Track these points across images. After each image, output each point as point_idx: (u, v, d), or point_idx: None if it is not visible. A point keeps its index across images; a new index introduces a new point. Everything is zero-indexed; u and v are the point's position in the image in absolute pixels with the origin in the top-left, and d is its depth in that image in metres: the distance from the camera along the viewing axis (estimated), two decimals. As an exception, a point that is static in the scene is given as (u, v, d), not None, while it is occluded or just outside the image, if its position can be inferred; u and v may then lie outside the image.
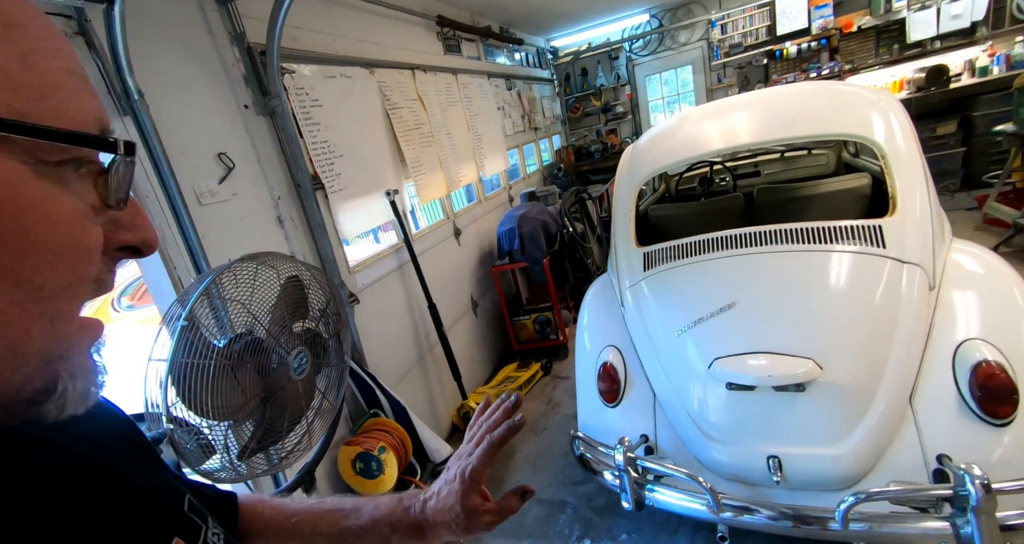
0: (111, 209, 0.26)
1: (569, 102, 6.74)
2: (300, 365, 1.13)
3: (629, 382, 1.70)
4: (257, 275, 1.10)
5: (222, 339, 1.03)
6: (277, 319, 1.10)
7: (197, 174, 1.53)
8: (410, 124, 2.82)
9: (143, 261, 1.39)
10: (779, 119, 1.93)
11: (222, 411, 0.93)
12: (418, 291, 2.61)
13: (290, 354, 1.11)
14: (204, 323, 0.99)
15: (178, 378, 0.87)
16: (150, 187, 1.36)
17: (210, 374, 0.89)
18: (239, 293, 1.06)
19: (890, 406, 1.26)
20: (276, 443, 1.12)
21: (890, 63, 5.11)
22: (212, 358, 0.90)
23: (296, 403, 1.13)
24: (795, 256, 1.52)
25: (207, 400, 0.88)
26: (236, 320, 1.09)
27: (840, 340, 1.34)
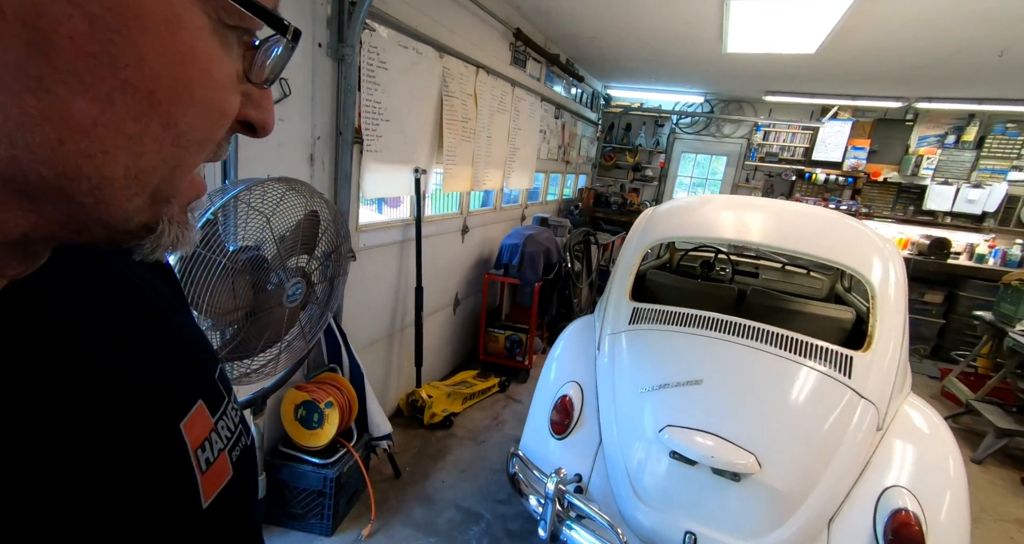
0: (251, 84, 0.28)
1: (605, 149, 6.95)
2: (295, 294, 1.15)
3: (581, 421, 1.73)
4: (283, 199, 1.12)
5: (232, 245, 1.04)
6: (288, 245, 1.12)
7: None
8: (458, 115, 2.89)
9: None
10: (793, 232, 2.04)
11: (213, 309, 0.94)
12: (411, 270, 2.62)
13: (289, 280, 1.12)
14: (226, 226, 1.00)
15: (187, 267, 0.88)
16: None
17: (217, 271, 0.90)
18: (265, 207, 1.08)
19: (810, 522, 1.33)
20: (245, 358, 1.12)
21: (902, 221, 5.44)
22: (223, 256, 0.91)
23: (277, 328, 1.13)
24: (771, 358, 1.60)
25: (205, 294, 0.89)
26: (251, 233, 1.10)
27: (786, 447, 1.41)
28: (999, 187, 5.03)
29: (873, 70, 3.94)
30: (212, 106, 0.25)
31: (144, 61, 0.21)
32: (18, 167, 0.20)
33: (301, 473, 1.75)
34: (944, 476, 1.43)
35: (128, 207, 0.24)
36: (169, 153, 0.24)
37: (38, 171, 0.20)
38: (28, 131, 0.19)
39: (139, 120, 0.22)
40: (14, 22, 0.18)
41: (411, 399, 2.65)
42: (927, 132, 5.36)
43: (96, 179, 0.22)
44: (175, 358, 0.34)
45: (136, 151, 0.22)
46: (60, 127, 0.20)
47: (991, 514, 2.52)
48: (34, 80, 0.19)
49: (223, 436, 0.35)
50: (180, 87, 0.23)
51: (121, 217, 0.24)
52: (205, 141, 0.26)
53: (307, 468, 1.75)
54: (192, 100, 0.23)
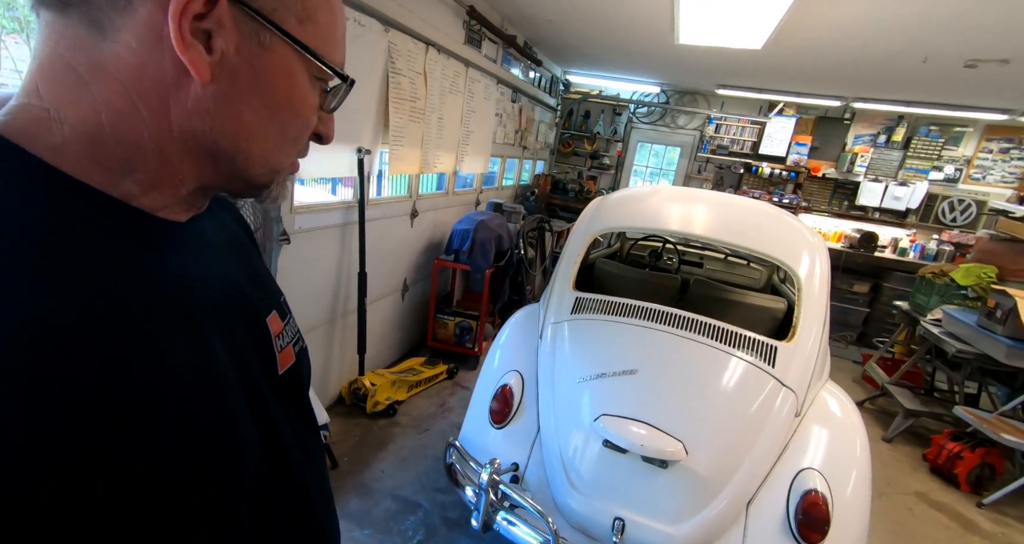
0: (322, 110, 0.45)
1: (564, 136, 6.94)
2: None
3: (520, 410, 1.74)
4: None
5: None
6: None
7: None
8: (406, 94, 2.77)
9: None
10: (732, 225, 2.12)
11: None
12: (354, 255, 2.53)
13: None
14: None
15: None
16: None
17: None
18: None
19: (730, 505, 1.39)
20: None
21: (837, 215, 5.77)
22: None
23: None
24: (703, 348, 1.65)
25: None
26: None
27: (710, 433, 1.47)
28: (921, 185, 5.42)
29: (815, 69, 4.10)
30: (304, 120, 0.42)
31: (275, 93, 0.39)
32: (214, 142, 0.37)
33: (227, 468, 1.66)
34: (851, 457, 1.54)
35: (258, 172, 0.41)
36: (281, 144, 0.41)
37: (223, 146, 0.38)
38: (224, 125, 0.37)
39: (268, 124, 0.39)
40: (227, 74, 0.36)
41: (353, 387, 2.59)
42: (862, 131, 5.68)
43: (246, 153, 0.39)
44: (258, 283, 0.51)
45: (265, 139, 0.40)
46: (236, 123, 0.37)
47: (895, 488, 2.77)
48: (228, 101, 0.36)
49: (289, 334, 0.52)
50: (290, 108, 0.41)
51: (254, 177, 0.41)
52: (298, 140, 0.43)
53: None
54: (296, 116, 0.41)
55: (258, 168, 0.40)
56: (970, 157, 5.35)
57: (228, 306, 0.42)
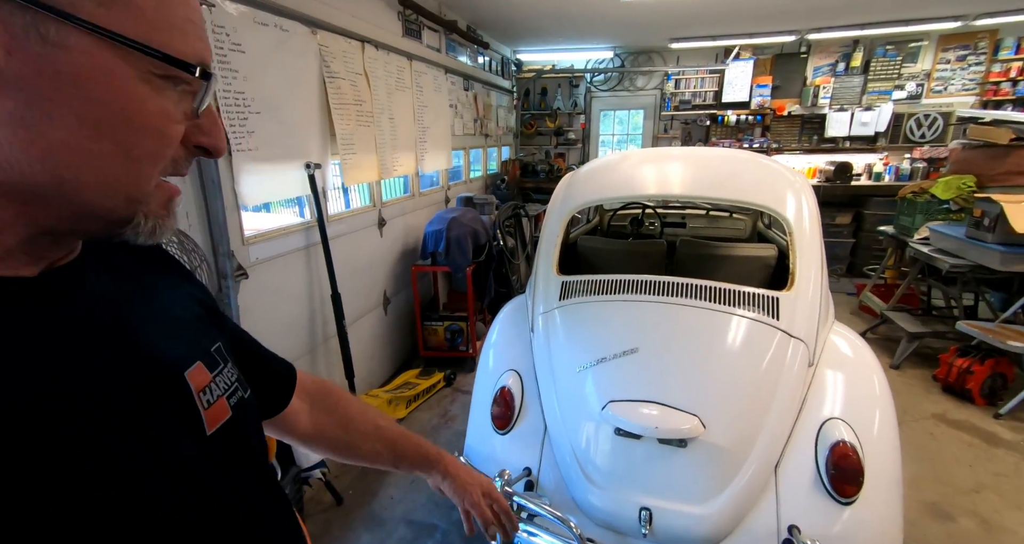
0: (197, 118, 0.38)
1: (524, 118, 6.78)
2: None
3: (523, 411, 1.64)
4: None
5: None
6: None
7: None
8: (349, 98, 2.62)
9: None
10: (709, 179, 2.02)
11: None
12: (324, 276, 2.39)
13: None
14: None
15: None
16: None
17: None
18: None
19: (758, 472, 1.32)
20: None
21: (809, 150, 5.72)
22: None
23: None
24: (700, 313, 1.56)
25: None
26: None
27: (725, 401, 1.38)
28: (886, 107, 5.38)
29: (764, 4, 3.99)
30: (153, 132, 0.35)
31: (91, 101, 0.32)
32: (27, 177, 0.32)
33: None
34: (871, 397, 1.47)
35: (108, 204, 0.35)
36: (125, 165, 0.35)
37: (38, 180, 0.32)
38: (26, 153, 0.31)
39: (95, 141, 0.33)
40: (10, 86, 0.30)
41: (349, 414, 2.47)
42: (820, 62, 5.59)
43: (75, 183, 0.33)
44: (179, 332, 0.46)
45: (98, 163, 0.33)
46: (45, 148, 0.31)
47: (912, 414, 2.75)
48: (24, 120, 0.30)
49: (220, 386, 0.47)
50: (123, 119, 0.34)
51: (104, 211, 0.35)
52: (156, 156, 0.36)
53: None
54: (133, 127, 0.34)
55: (105, 200, 0.34)
56: (929, 70, 5.31)
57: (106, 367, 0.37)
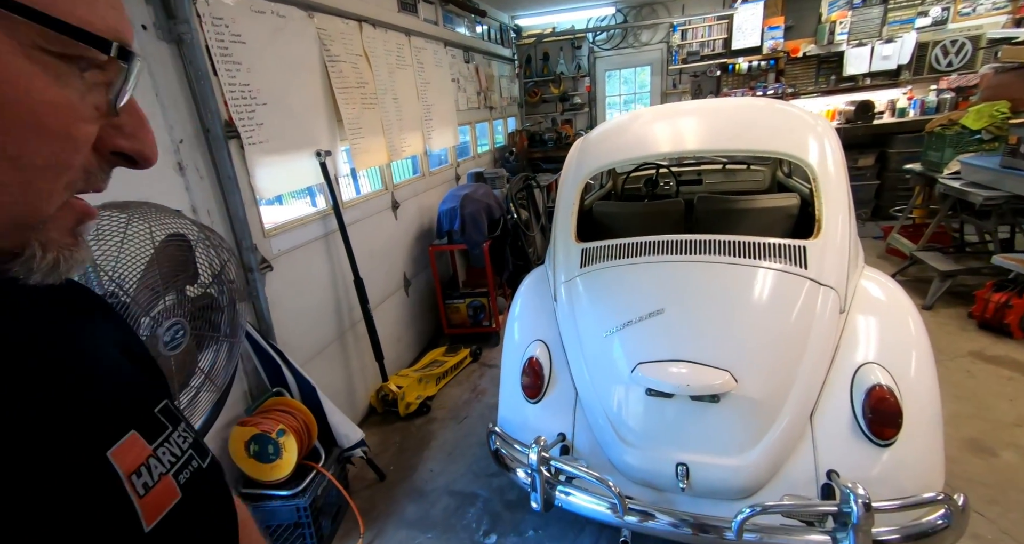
0: (115, 116, 0.29)
1: (528, 85, 6.60)
2: (175, 339, 0.97)
3: (553, 379, 1.67)
4: (128, 229, 0.92)
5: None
6: (149, 283, 0.93)
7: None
8: (351, 81, 2.58)
9: None
10: (725, 131, 1.96)
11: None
12: (345, 263, 2.42)
13: (161, 326, 0.95)
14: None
15: None
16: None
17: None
18: (101, 247, 0.88)
19: (792, 422, 1.32)
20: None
21: (827, 92, 5.45)
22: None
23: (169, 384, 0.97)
24: (725, 268, 1.54)
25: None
26: (103, 279, 0.90)
27: (756, 355, 1.38)
28: (909, 37, 5.05)
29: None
30: (48, 130, 0.26)
31: None
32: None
33: (271, 510, 1.64)
34: (907, 339, 1.44)
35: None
36: (11, 177, 0.25)
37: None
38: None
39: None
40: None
41: (381, 395, 2.54)
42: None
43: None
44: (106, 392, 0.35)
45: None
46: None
47: (947, 354, 2.69)
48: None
49: (164, 461, 0.36)
50: (12, 116, 0.24)
51: None
52: (56, 166, 0.27)
53: (276, 503, 1.63)
54: (16, 124, 0.25)
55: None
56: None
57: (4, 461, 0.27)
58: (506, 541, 1.71)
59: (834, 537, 1.12)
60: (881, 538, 1.14)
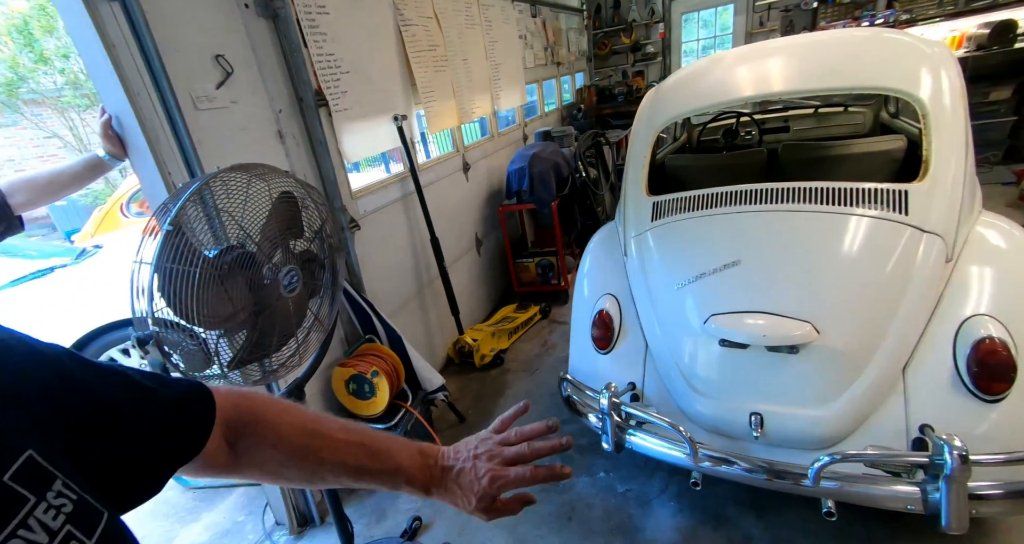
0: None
1: (597, 37, 6.29)
2: (291, 283, 1.12)
3: (623, 331, 1.69)
4: (250, 187, 1.06)
5: (214, 249, 1.01)
6: (269, 235, 1.07)
7: (193, 75, 1.44)
8: (423, 44, 2.63)
9: (139, 165, 1.34)
10: (818, 68, 1.78)
11: (209, 319, 0.93)
12: (422, 223, 2.56)
13: (281, 272, 1.09)
14: (197, 231, 0.96)
15: (164, 283, 0.86)
16: (141, 83, 1.28)
17: (195, 281, 0.87)
18: (230, 204, 1.02)
19: (882, 375, 1.25)
20: (267, 356, 1.13)
21: (953, 15, 4.66)
22: (198, 266, 0.89)
23: (286, 320, 1.13)
24: (809, 216, 1.45)
25: (193, 306, 0.87)
26: (230, 231, 1.06)
27: (842, 306, 1.31)
28: (1073, -62, 4.13)
29: None
30: None
31: None
32: None
33: (370, 439, 1.86)
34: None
35: None
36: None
37: None
38: None
39: None
40: None
41: (458, 347, 2.72)
42: None
43: None
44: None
45: None
46: None
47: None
48: None
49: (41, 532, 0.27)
50: None
51: None
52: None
53: (374, 434, 1.85)
54: None
55: None
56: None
57: None
58: (578, 480, 1.81)
59: (923, 488, 1.08)
60: (980, 493, 1.08)
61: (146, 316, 0.85)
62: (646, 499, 1.70)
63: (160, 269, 0.85)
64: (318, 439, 0.54)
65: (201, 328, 0.93)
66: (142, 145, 1.28)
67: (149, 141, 1.28)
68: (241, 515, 1.94)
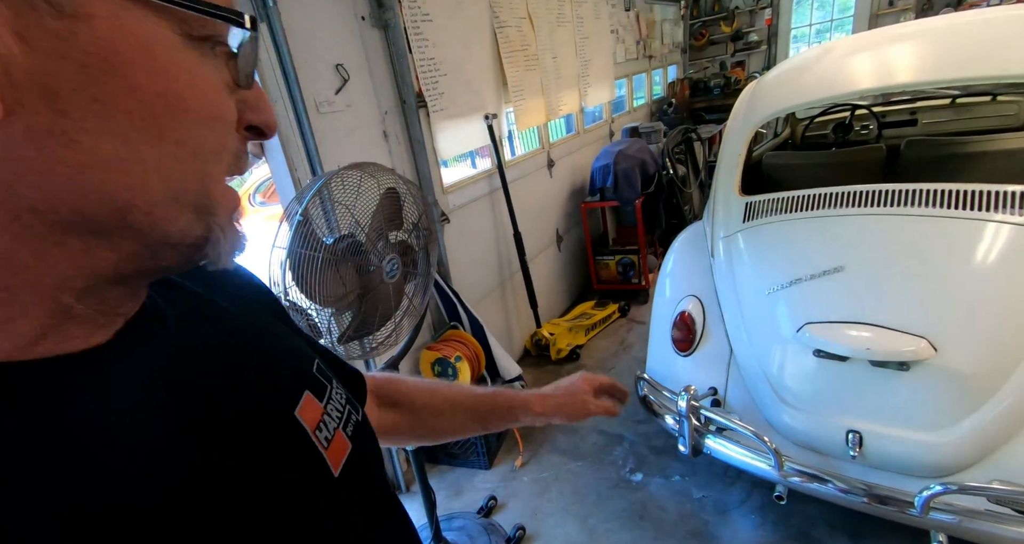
0: (241, 89, 0.28)
1: (695, 27, 5.99)
2: (392, 270, 1.24)
3: (706, 334, 1.64)
4: (361, 183, 1.19)
5: (329, 237, 1.15)
6: (375, 226, 1.20)
7: (318, 83, 1.63)
8: (516, 45, 2.71)
9: (272, 161, 1.55)
10: (958, 54, 1.57)
11: (326, 298, 1.06)
12: (505, 218, 2.65)
13: (384, 259, 1.22)
14: (316, 221, 1.11)
15: (294, 265, 1.00)
16: (279, 93, 1.48)
17: (318, 265, 1.01)
18: (345, 197, 1.16)
19: (1018, 403, 1.11)
20: (368, 335, 1.26)
21: None
22: (321, 251, 1.02)
23: (386, 303, 1.25)
24: (935, 222, 1.30)
25: (315, 287, 1.01)
26: (342, 222, 1.20)
27: (969, 322, 1.17)
28: None
29: None
30: (210, 115, 0.26)
31: (137, 89, 0.23)
32: (82, 213, 0.23)
33: (454, 421, 1.99)
34: None
35: (180, 224, 0.26)
36: (192, 167, 0.26)
37: (97, 211, 0.23)
38: (75, 180, 0.22)
39: (154, 144, 0.24)
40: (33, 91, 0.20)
41: (535, 339, 2.77)
42: None
43: (144, 206, 0.24)
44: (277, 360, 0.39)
45: (163, 172, 0.24)
46: (96, 169, 0.22)
47: None
48: (63, 136, 0.21)
49: (334, 416, 0.40)
50: (175, 103, 0.24)
51: (179, 235, 0.26)
52: (219, 151, 0.27)
53: (457, 416, 1.97)
54: (189, 114, 0.25)
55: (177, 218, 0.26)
56: None
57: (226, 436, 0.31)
58: (652, 480, 1.79)
59: (1059, 535, 0.95)
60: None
61: (280, 294, 0.99)
62: (724, 508, 1.64)
63: (292, 253, 0.99)
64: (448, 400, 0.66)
65: (318, 306, 1.06)
66: (276, 145, 1.48)
67: (282, 142, 1.48)
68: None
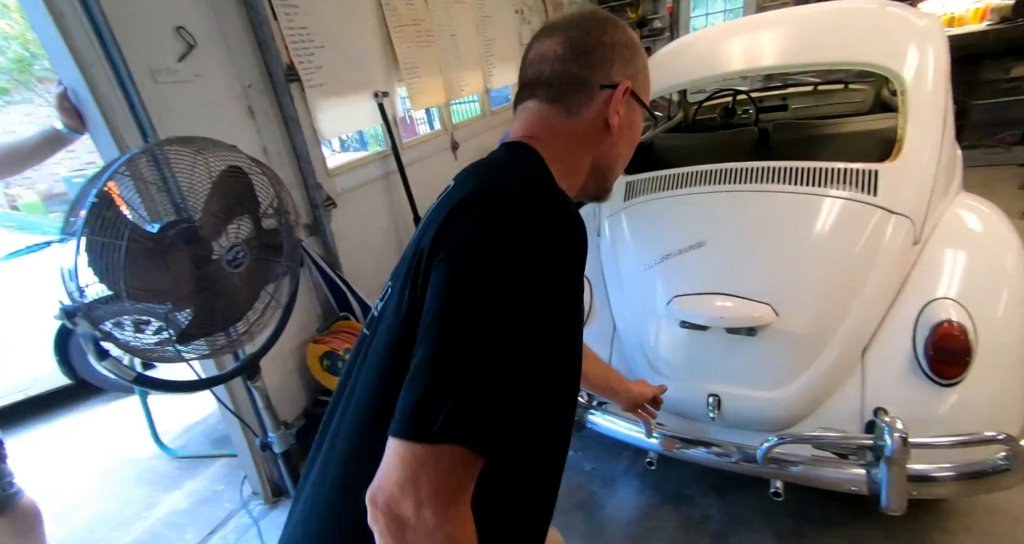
0: None
1: (601, 12, 6.11)
2: (236, 259, 1.13)
3: (593, 313, 1.69)
4: (195, 161, 1.06)
5: (154, 224, 1.02)
6: (213, 210, 1.07)
7: (151, 48, 1.43)
8: (405, 19, 2.58)
9: (97, 137, 1.34)
10: (805, 41, 1.71)
11: (144, 293, 0.94)
12: (405, 203, 2.56)
13: (225, 247, 1.10)
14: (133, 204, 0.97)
15: (94, 257, 0.87)
16: (95, 56, 1.27)
17: (122, 254, 0.88)
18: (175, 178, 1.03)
19: (840, 358, 1.24)
20: (220, 331, 1.15)
21: (975, -12, 4.41)
22: (124, 239, 0.89)
23: (235, 297, 1.14)
24: (779, 197, 1.41)
25: (120, 279, 0.88)
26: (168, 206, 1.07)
27: (803, 288, 1.28)
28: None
29: None
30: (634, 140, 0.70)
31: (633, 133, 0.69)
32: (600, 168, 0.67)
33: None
34: (999, 276, 1.25)
35: (611, 183, 0.71)
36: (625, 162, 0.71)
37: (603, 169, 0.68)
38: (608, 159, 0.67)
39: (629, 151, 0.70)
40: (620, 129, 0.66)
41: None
42: None
43: (613, 172, 0.70)
44: None
45: (623, 163, 0.70)
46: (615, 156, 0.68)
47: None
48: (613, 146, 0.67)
49: None
50: (635, 139, 0.70)
51: (609, 186, 0.71)
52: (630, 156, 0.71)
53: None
54: (635, 141, 0.70)
55: (613, 180, 0.70)
56: None
57: None
58: (545, 458, 1.83)
59: (868, 471, 1.08)
60: (934, 475, 1.08)
61: (72, 290, 0.86)
62: (610, 477, 1.72)
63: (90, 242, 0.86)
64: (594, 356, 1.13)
65: (135, 301, 0.94)
66: (97, 118, 1.28)
67: (104, 114, 1.28)
68: (220, 485, 2.00)
